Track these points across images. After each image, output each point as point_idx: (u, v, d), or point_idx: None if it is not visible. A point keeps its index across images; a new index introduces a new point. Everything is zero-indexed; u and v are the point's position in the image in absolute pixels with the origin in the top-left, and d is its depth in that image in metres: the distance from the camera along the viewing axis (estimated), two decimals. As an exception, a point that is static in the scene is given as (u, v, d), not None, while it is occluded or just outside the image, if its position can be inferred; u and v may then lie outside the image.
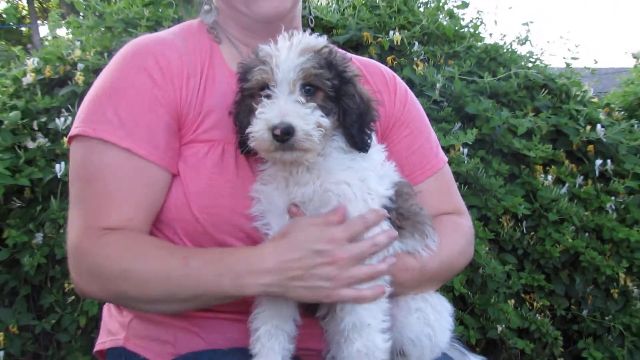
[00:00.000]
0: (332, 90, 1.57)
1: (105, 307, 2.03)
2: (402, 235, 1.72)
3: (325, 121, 1.54)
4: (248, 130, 1.54)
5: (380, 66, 2.14)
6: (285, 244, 1.57)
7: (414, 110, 2.09)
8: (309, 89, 1.56)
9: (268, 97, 1.54)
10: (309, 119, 1.50)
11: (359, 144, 1.62)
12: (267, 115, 1.50)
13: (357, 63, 2.04)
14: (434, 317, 1.80)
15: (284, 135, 1.46)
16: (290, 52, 1.55)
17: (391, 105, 2.03)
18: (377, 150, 1.77)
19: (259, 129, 1.51)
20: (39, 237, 3.79)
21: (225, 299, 1.63)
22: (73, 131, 1.73)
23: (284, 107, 1.50)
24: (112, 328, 1.92)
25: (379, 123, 1.87)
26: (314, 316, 1.78)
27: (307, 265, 1.55)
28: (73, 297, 3.83)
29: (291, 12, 1.88)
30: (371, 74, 2.06)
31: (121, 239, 1.63)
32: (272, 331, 1.64)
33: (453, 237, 1.89)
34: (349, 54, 2.04)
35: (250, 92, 1.61)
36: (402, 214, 1.73)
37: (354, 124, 1.60)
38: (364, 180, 1.65)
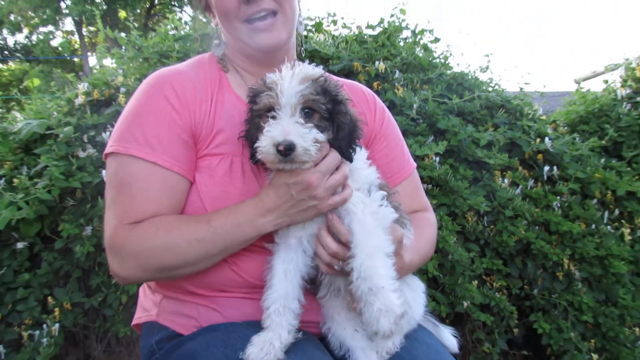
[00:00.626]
0: (326, 112, 1.61)
1: (141, 289, 2.04)
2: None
3: (321, 137, 1.59)
4: (257, 144, 1.59)
5: (362, 88, 2.15)
6: (271, 187, 1.66)
7: (390, 126, 2.11)
8: (308, 111, 1.60)
9: (274, 118, 1.59)
10: (307, 137, 1.55)
11: (346, 155, 1.66)
12: (272, 134, 1.55)
13: (344, 86, 2.03)
14: (410, 296, 1.81)
15: (287, 151, 1.52)
16: (293, 80, 1.58)
17: (372, 121, 2.05)
18: (361, 154, 1.79)
19: (265, 145, 1.56)
20: (88, 230, 3.80)
21: (248, 241, 1.67)
22: (108, 149, 1.76)
23: (287, 127, 1.54)
24: (147, 306, 1.92)
25: (368, 131, 1.92)
26: (317, 296, 1.78)
27: (291, 195, 1.63)
28: (116, 280, 3.82)
29: (286, 44, 1.90)
30: (355, 94, 2.07)
31: (151, 223, 1.66)
32: (281, 309, 1.66)
33: (427, 231, 1.93)
34: (338, 79, 2.07)
35: (258, 113, 1.65)
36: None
37: (344, 138, 1.63)
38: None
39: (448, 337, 2.03)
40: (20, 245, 3.92)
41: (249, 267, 1.73)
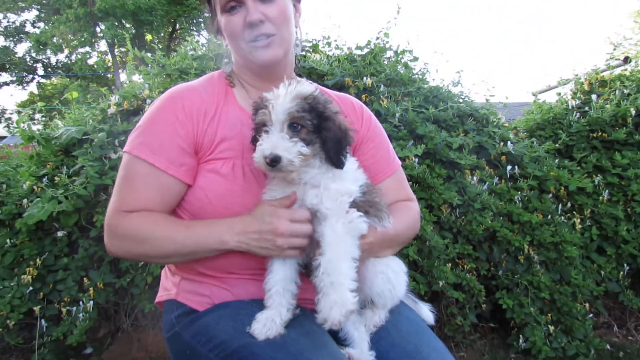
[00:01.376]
0: (312, 127, 1.60)
1: (163, 272, 2.06)
2: (368, 216, 1.71)
3: (306, 150, 1.58)
4: (253, 155, 1.61)
5: (352, 99, 2.17)
6: (251, 216, 1.67)
7: (376, 130, 2.11)
8: (296, 126, 1.59)
9: (266, 132, 1.60)
10: (291, 150, 1.55)
11: (335, 163, 1.64)
12: (262, 147, 1.57)
13: (336, 98, 2.09)
14: (393, 277, 1.80)
15: (272, 162, 1.54)
16: (284, 99, 1.58)
17: (360, 127, 2.06)
18: (351, 162, 1.77)
19: (257, 156, 1.58)
20: (118, 221, 3.77)
21: (213, 252, 1.69)
22: (125, 148, 1.81)
23: (275, 141, 1.56)
24: (167, 286, 1.93)
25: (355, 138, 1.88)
26: (310, 277, 1.77)
27: (260, 231, 1.64)
28: (142, 263, 3.81)
29: (283, 60, 1.92)
30: (345, 105, 2.09)
31: (141, 215, 1.71)
32: (281, 291, 1.66)
33: (403, 216, 1.93)
34: (331, 92, 2.11)
35: (257, 127, 1.66)
36: (369, 203, 1.73)
37: (332, 148, 1.61)
38: (338, 183, 1.68)
39: (426, 312, 2.03)
40: (60, 233, 3.91)
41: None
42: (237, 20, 1.81)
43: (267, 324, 1.59)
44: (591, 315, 4.28)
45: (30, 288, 3.84)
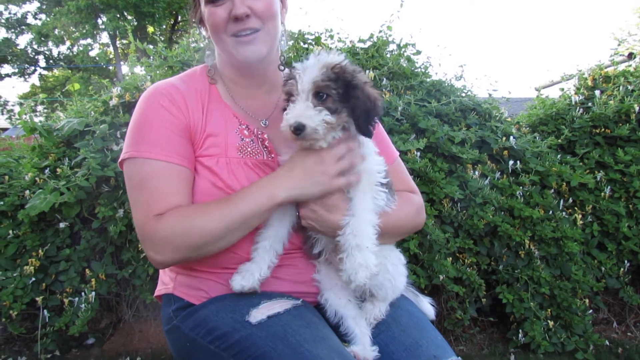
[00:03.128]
0: (338, 96, 1.60)
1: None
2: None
3: (330, 118, 1.58)
4: (281, 124, 1.62)
5: None
6: (289, 163, 1.69)
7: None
8: (322, 95, 1.59)
9: (293, 102, 1.61)
10: (315, 119, 1.56)
11: (364, 131, 1.64)
12: (288, 116, 1.58)
13: None
14: (392, 269, 1.79)
15: (297, 131, 1.55)
16: (311, 69, 1.59)
17: None
18: (374, 148, 1.80)
19: (283, 125, 1.59)
20: (120, 212, 3.79)
21: (264, 213, 1.64)
22: (124, 156, 1.74)
23: (299, 110, 1.57)
24: (165, 280, 1.92)
25: None
26: (312, 253, 1.78)
27: (307, 168, 1.66)
28: (144, 255, 3.83)
29: (267, 57, 1.86)
30: None
31: (175, 212, 1.63)
32: (267, 247, 1.68)
33: (403, 205, 1.87)
34: None
35: (286, 97, 1.66)
36: (387, 185, 1.76)
37: (361, 116, 1.62)
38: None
39: (427, 306, 2.02)
40: (62, 225, 3.92)
41: (247, 247, 1.73)
42: (221, 12, 1.75)
43: (246, 277, 1.65)
44: (591, 311, 4.29)
45: (33, 279, 3.86)
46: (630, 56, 6.13)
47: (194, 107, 1.79)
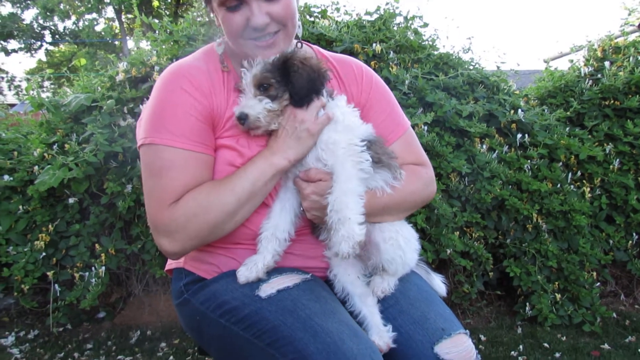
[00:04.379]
0: (277, 83, 1.67)
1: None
2: (380, 168, 1.73)
3: (272, 105, 1.66)
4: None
5: (351, 62, 2.04)
6: (274, 135, 1.71)
7: (378, 93, 2.00)
8: (265, 86, 1.66)
9: (241, 96, 1.71)
10: (257, 108, 1.64)
11: (297, 102, 1.69)
12: (235, 109, 1.69)
13: (334, 61, 2.00)
14: (403, 243, 1.78)
15: (240, 120, 1.65)
16: (254, 67, 1.68)
17: (358, 93, 1.95)
18: (354, 113, 1.81)
19: (233, 118, 1.70)
20: (129, 187, 3.80)
21: (269, 182, 1.67)
22: (143, 141, 1.68)
23: (242, 102, 1.68)
24: None
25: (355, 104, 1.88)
26: (319, 238, 1.78)
27: (288, 130, 1.69)
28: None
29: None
30: (344, 71, 1.97)
31: (188, 195, 1.62)
32: (269, 237, 1.69)
33: (410, 180, 1.84)
34: (329, 55, 2.03)
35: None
36: (378, 154, 1.72)
37: (300, 89, 1.67)
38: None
39: (438, 283, 2.02)
40: (71, 200, 3.94)
41: (258, 222, 1.72)
42: (238, 19, 1.67)
43: (251, 267, 1.66)
44: (598, 284, 4.30)
45: (43, 253, 3.89)
46: (641, 27, 6.03)
47: (217, 89, 1.74)
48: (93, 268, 3.85)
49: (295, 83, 1.65)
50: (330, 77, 1.78)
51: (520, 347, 3.80)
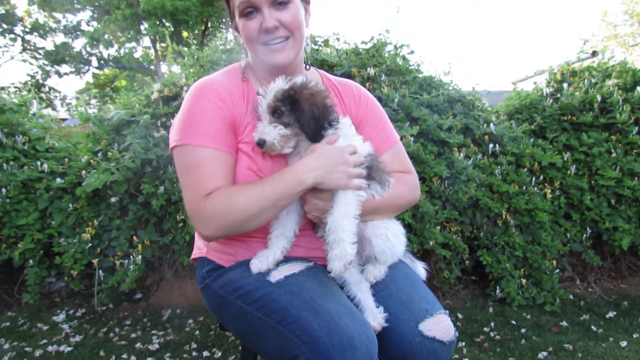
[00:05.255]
0: (288, 111, 1.62)
1: (196, 234, 2.00)
2: (373, 182, 1.71)
3: (285, 131, 1.62)
4: None
5: (351, 84, 2.05)
6: (317, 154, 1.62)
7: (372, 111, 2.00)
8: (278, 112, 1.62)
9: (259, 121, 1.68)
10: (272, 134, 1.61)
11: (311, 137, 1.64)
12: (254, 134, 1.66)
13: (337, 84, 2.00)
14: (392, 238, 1.77)
15: (259, 145, 1.62)
16: (268, 95, 1.63)
17: (357, 110, 1.95)
18: (357, 137, 1.75)
19: (254, 141, 1.66)
20: (161, 189, 3.80)
21: (294, 195, 1.60)
22: (176, 143, 1.68)
23: (260, 128, 1.64)
24: (200, 245, 1.91)
25: (353, 120, 1.84)
26: (317, 234, 1.78)
27: (333, 163, 1.60)
28: (181, 224, 3.84)
29: (294, 61, 1.80)
30: (345, 92, 1.98)
31: (218, 193, 1.60)
32: (279, 235, 1.68)
33: (398, 185, 1.82)
34: (334, 78, 2.02)
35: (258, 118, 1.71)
36: (374, 170, 1.71)
37: (307, 124, 1.61)
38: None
39: (420, 269, 2.01)
40: (113, 199, 3.95)
41: (270, 220, 1.71)
42: (253, 25, 1.71)
43: (262, 260, 1.64)
44: (557, 270, 4.28)
45: (90, 244, 3.90)
46: (594, 54, 6.01)
47: (237, 100, 1.75)
48: (131, 256, 3.85)
49: (302, 120, 1.61)
50: (335, 107, 1.75)
51: (492, 324, 3.78)
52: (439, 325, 1.63)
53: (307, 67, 1.94)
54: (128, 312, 4.17)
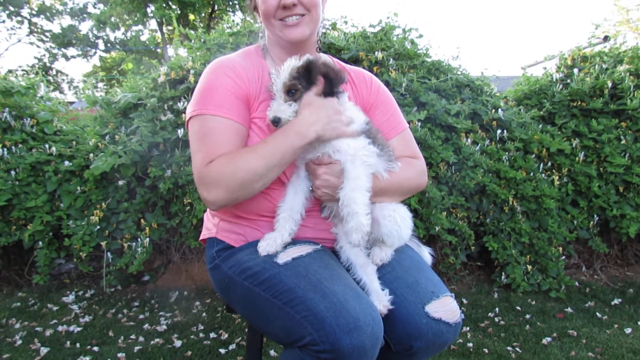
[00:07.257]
0: (304, 88, 1.65)
1: (205, 215, 2.03)
2: (379, 155, 1.73)
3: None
4: None
5: (363, 72, 2.09)
6: (314, 108, 1.64)
7: (383, 97, 2.03)
8: (293, 91, 1.65)
9: (272, 100, 1.70)
10: (287, 112, 1.63)
11: (328, 94, 1.67)
12: (268, 112, 1.66)
13: (349, 70, 2.02)
14: (400, 220, 1.78)
15: (274, 123, 1.63)
16: (282, 74, 1.65)
17: (368, 95, 1.98)
18: (358, 112, 1.78)
19: (268, 119, 1.67)
20: (168, 172, 3.82)
21: (297, 152, 1.64)
22: (192, 114, 1.73)
23: (275, 107, 1.65)
24: (209, 226, 1.93)
25: (362, 106, 1.89)
26: (322, 215, 1.79)
27: (329, 115, 1.64)
28: (188, 208, 3.87)
29: (309, 39, 1.84)
30: (357, 77, 2.01)
31: (224, 156, 1.63)
32: (286, 217, 1.69)
33: (406, 168, 1.85)
34: (346, 65, 2.04)
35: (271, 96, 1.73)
36: (375, 141, 1.72)
37: (325, 85, 1.66)
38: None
39: (426, 254, 2.02)
40: (120, 182, 3.97)
41: (278, 197, 1.74)
42: (272, 1, 1.75)
43: (270, 242, 1.66)
44: (563, 257, 4.28)
45: (98, 227, 3.93)
46: (606, 39, 5.95)
47: (252, 78, 1.78)
48: (139, 239, 3.88)
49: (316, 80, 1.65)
50: (347, 80, 1.78)
51: (497, 309, 3.80)
52: (445, 307, 1.64)
53: (319, 49, 1.97)
54: (136, 294, 4.22)
